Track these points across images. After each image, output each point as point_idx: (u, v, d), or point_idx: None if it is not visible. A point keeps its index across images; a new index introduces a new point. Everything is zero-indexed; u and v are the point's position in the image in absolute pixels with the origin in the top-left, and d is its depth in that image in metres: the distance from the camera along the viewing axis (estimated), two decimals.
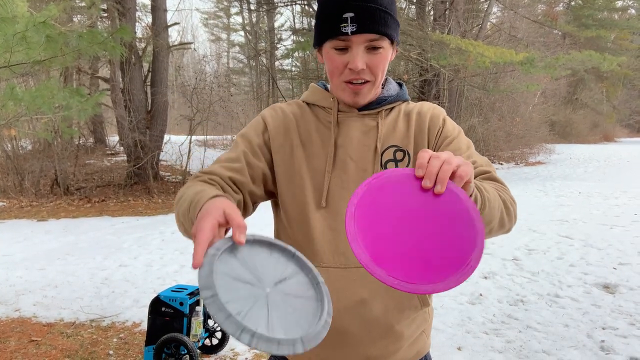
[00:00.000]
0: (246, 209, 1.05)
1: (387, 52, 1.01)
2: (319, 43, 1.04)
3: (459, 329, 3.34)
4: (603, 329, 3.28)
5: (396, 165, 1.06)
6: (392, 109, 1.11)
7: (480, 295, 3.95)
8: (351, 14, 0.95)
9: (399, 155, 1.06)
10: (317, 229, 1.04)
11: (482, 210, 0.85)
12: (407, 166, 1.07)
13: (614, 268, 4.51)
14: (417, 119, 1.10)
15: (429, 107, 1.12)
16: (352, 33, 0.96)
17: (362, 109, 1.08)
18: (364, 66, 0.98)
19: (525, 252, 5.12)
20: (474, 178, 0.96)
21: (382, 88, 1.13)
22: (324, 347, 1.03)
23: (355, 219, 0.71)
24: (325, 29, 1.00)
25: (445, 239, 0.70)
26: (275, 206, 1.14)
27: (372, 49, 0.99)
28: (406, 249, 0.69)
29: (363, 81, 1.01)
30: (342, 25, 0.96)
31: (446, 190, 0.73)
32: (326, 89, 1.14)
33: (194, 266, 0.65)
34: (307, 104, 1.14)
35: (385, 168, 1.05)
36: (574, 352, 2.96)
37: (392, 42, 1.02)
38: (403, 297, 1.05)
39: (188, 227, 0.87)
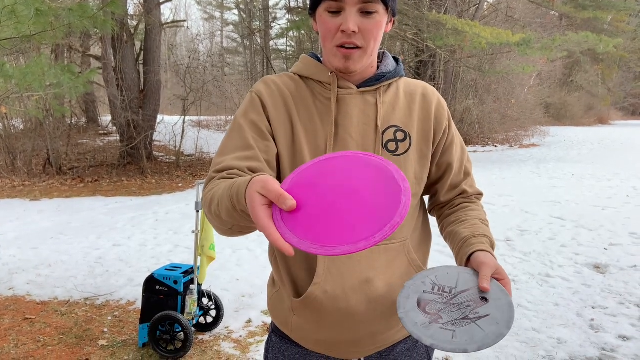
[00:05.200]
0: None
1: (382, 19, 0.98)
2: (313, 7, 1.01)
3: None
4: (593, 308, 3.33)
5: (397, 145, 1.05)
6: (389, 85, 1.09)
7: None
8: None
9: (400, 135, 1.05)
10: None
11: None
12: (409, 148, 1.06)
13: (604, 249, 4.56)
14: (422, 102, 1.09)
15: (433, 93, 1.12)
16: None
17: (361, 85, 1.05)
18: (355, 29, 0.95)
19: (518, 232, 5.16)
20: (454, 197, 1.17)
21: (380, 62, 1.10)
22: (332, 327, 1.05)
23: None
24: None
25: (368, 206, 0.70)
26: None
27: (366, 12, 0.96)
28: (328, 217, 0.69)
29: (354, 46, 0.98)
30: None
31: (375, 162, 0.75)
32: (319, 60, 1.10)
33: (289, 254, 0.66)
34: (301, 77, 1.09)
35: (387, 148, 1.04)
36: (563, 331, 3.01)
37: (387, 9, 0.99)
38: (404, 273, 1.06)
39: (241, 222, 0.82)
